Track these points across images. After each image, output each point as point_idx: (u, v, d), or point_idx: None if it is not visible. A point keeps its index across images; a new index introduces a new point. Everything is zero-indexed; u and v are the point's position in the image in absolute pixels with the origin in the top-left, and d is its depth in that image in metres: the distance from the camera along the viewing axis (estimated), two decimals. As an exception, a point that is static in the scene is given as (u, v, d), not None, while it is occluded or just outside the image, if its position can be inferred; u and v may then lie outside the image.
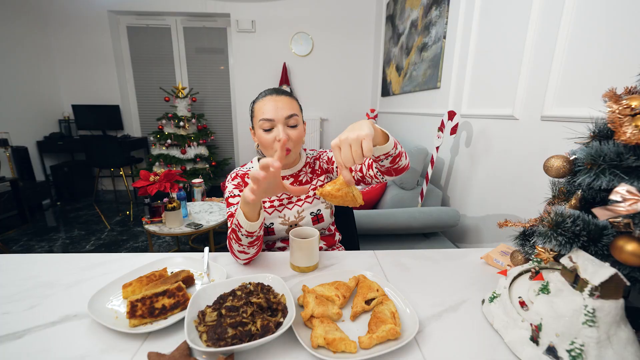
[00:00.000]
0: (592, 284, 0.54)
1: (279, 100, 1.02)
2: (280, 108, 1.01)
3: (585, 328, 0.53)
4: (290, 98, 1.06)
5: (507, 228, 0.83)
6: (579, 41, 1.29)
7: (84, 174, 4.66)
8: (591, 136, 0.65)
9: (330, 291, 0.76)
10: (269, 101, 1.02)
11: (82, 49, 4.47)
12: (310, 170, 1.19)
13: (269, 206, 1.13)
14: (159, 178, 2.09)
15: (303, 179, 1.17)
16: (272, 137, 1.02)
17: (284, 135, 0.99)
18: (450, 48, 2.30)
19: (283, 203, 1.14)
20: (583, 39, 1.27)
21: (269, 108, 1.01)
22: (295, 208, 1.14)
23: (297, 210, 1.13)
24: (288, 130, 1.02)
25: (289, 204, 1.14)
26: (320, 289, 0.77)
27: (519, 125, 1.62)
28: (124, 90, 4.75)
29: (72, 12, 4.33)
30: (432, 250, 1.07)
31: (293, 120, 1.03)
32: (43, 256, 0.99)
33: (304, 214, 1.13)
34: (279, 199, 1.14)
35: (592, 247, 0.59)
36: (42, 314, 0.71)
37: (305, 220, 1.14)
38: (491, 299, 0.72)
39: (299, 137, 1.05)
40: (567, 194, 0.72)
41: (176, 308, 0.70)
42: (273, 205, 1.13)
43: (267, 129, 1.02)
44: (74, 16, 4.35)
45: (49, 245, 3.07)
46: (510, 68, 1.67)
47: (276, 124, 1.01)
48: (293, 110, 1.03)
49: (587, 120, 0.68)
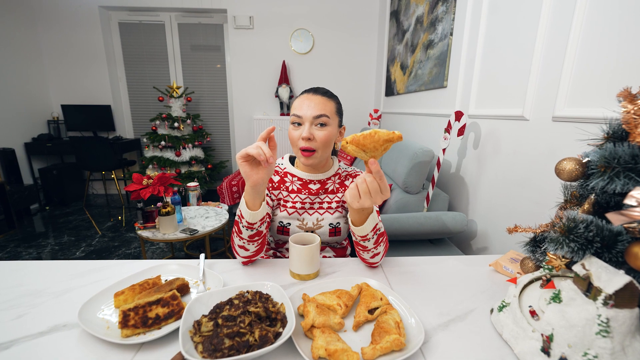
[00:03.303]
0: (606, 293, 0.54)
1: (312, 99, 1.06)
2: (311, 107, 1.05)
3: (599, 338, 0.53)
4: (327, 99, 1.09)
5: (517, 234, 0.83)
6: (592, 38, 1.29)
7: (74, 177, 4.67)
8: (605, 137, 0.65)
9: (331, 300, 0.76)
10: (303, 99, 1.08)
11: (72, 47, 4.49)
12: (339, 182, 1.21)
13: (290, 206, 1.16)
14: (152, 181, 2.09)
15: (330, 187, 1.19)
16: (298, 134, 1.06)
17: (307, 134, 1.03)
18: (458, 45, 2.31)
19: (305, 207, 1.17)
20: (596, 36, 1.27)
21: (301, 105, 1.06)
22: (315, 215, 1.17)
23: (317, 217, 1.17)
24: (314, 130, 1.06)
25: (310, 209, 1.17)
26: (321, 297, 0.77)
27: (530, 126, 1.62)
28: (115, 90, 4.77)
29: (61, 8, 4.35)
30: (438, 257, 1.07)
31: (321, 120, 1.05)
32: (31, 263, 0.99)
33: (323, 223, 1.17)
34: (302, 202, 1.16)
35: (606, 254, 0.59)
36: (30, 324, 0.72)
37: (323, 230, 1.17)
38: (500, 308, 0.72)
39: (325, 139, 1.07)
40: (579, 198, 0.72)
41: (170, 318, 0.71)
42: (295, 206, 1.16)
43: (296, 124, 1.07)
44: (63, 12, 4.37)
45: (37, 251, 3.07)
46: (520, 66, 1.68)
47: (304, 121, 1.05)
48: (324, 110, 1.06)
49: (600, 121, 0.68)
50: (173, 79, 4.79)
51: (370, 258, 0.99)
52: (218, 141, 5.11)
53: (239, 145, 4.94)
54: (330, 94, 1.12)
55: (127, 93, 4.88)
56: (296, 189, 1.17)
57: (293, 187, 1.17)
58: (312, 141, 1.05)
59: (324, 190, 1.18)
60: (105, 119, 4.64)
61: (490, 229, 1.93)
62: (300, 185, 1.17)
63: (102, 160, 4.25)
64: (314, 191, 1.17)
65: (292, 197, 1.17)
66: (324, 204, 1.18)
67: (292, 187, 1.17)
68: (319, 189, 1.17)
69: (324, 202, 1.18)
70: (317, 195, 1.17)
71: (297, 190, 1.17)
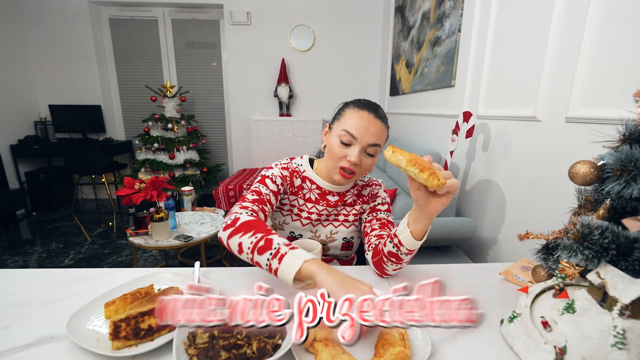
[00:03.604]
0: (622, 303, 0.54)
1: (373, 124, 1.01)
2: (370, 133, 1.01)
3: (615, 351, 0.53)
4: (384, 126, 1.05)
5: (529, 241, 0.84)
6: (607, 34, 1.29)
7: (63, 181, 4.68)
8: (621, 139, 0.65)
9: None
10: (363, 118, 1.01)
11: (60, 44, 4.50)
12: (357, 194, 1.21)
13: (305, 217, 1.15)
14: (144, 186, 2.10)
15: (349, 199, 1.19)
16: (344, 154, 1.02)
17: (356, 160, 1.00)
18: (466, 42, 2.32)
19: (320, 219, 1.16)
20: (612, 32, 1.27)
21: (359, 125, 1.01)
22: (329, 227, 1.17)
23: (331, 229, 1.16)
24: (363, 156, 1.03)
25: (325, 221, 1.17)
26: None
27: (542, 128, 1.62)
28: (106, 89, 4.79)
29: (48, 3, 4.37)
30: (445, 266, 1.07)
31: (373, 150, 1.03)
32: (17, 272, 0.99)
33: (337, 237, 1.17)
34: (319, 213, 1.15)
35: (622, 262, 0.59)
36: (16, 335, 0.72)
37: (336, 243, 1.17)
38: (511, 319, 0.72)
39: (369, 168, 1.06)
40: (594, 203, 0.72)
41: (164, 329, 0.71)
42: (310, 217, 1.15)
43: (345, 142, 1.02)
44: (50, 7, 4.38)
45: (24, 259, 3.07)
46: (531, 64, 1.68)
47: (356, 144, 1.01)
48: (380, 140, 1.03)
49: (616, 122, 0.69)
50: (166, 78, 4.80)
51: (393, 270, 0.98)
52: (214, 143, 5.12)
53: (236, 148, 4.95)
54: (387, 120, 1.08)
55: (118, 93, 4.89)
56: (314, 198, 1.16)
57: (311, 195, 1.16)
58: (357, 166, 1.03)
59: (342, 202, 1.17)
60: (95, 119, 4.65)
61: (500, 235, 1.93)
62: (319, 195, 1.16)
63: (91, 163, 4.25)
64: (332, 203, 1.16)
65: (309, 207, 1.15)
66: (339, 216, 1.18)
67: (310, 195, 1.16)
68: (337, 201, 1.16)
69: (340, 215, 1.18)
70: (334, 207, 1.16)
71: (315, 200, 1.15)
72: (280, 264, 0.77)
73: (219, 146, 5.16)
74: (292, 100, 4.71)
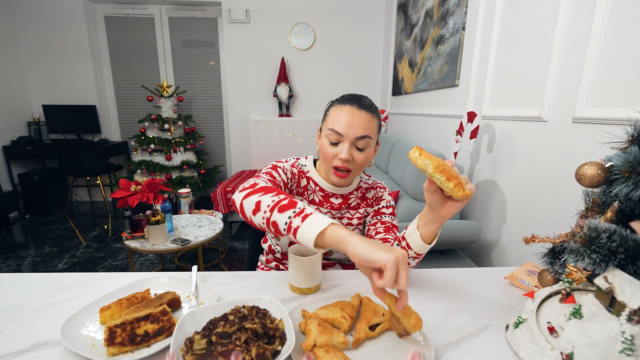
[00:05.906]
0: (631, 308, 0.54)
1: (357, 116, 1.01)
2: (355, 125, 1.00)
3: (623, 357, 0.53)
4: (371, 116, 1.04)
5: (535, 244, 0.83)
6: (615, 32, 1.29)
7: (57, 183, 4.68)
8: (629, 140, 0.65)
9: (334, 313, 0.76)
10: (345, 112, 1.01)
11: (54, 42, 4.51)
12: (361, 196, 1.21)
13: None
14: (141, 188, 2.10)
15: (352, 202, 1.19)
16: (334, 153, 1.03)
17: (347, 156, 1.00)
18: (470, 41, 2.32)
19: None
20: (620, 31, 1.28)
21: (343, 121, 1.01)
22: None
23: None
24: (354, 152, 1.03)
25: None
26: (323, 312, 0.77)
27: (548, 128, 1.62)
28: (101, 89, 4.79)
29: (42, 1, 4.38)
30: (449, 270, 1.07)
31: (363, 143, 1.02)
32: (10, 276, 0.99)
33: None
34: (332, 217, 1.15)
35: (630, 266, 0.59)
36: (9, 341, 0.72)
37: None
38: (516, 324, 0.72)
39: (364, 162, 1.06)
40: (602, 206, 0.72)
41: (160, 334, 0.71)
42: None
43: (333, 142, 1.03)
44: (44, 4, 4.39)
45: (17, 263, 3.07)
46: (538, 64, 1.69)
47: (344, 140, 1.01)
48: (368, 131, 1.02)
49: (624, 123, 0.69)
50: (163, 77, 4.81)
51: None
52: (212, 144, 5.12)
53: (235, 149, 4.95)
54: (374, 108, 1.06)
55: (113, 92, 4.90)
56: (317, 200, 1.16)
57: (315, 197, 1.16)
58: (350, 162, 1.03)
59: (346, 205, 1.18)
60: (90, 120, 4.65)
61: (505, 238, 1.93)
62: (322, 197, 1.16)
63: (86, 165, 4.25)
64: (336, 206, 1.16)
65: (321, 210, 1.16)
66: (343, 220, 1.18)
67: (314, 197, 1.16)
68: (341, 203, 1.17)
69: (344, 218, 1.18)
70: (338, 210, 1.17)
71: (319, 202, 1.16)
72: (303, 222, 0.73)
73: (217, 147, 5.16)
74: (292, 100, 4.71)
